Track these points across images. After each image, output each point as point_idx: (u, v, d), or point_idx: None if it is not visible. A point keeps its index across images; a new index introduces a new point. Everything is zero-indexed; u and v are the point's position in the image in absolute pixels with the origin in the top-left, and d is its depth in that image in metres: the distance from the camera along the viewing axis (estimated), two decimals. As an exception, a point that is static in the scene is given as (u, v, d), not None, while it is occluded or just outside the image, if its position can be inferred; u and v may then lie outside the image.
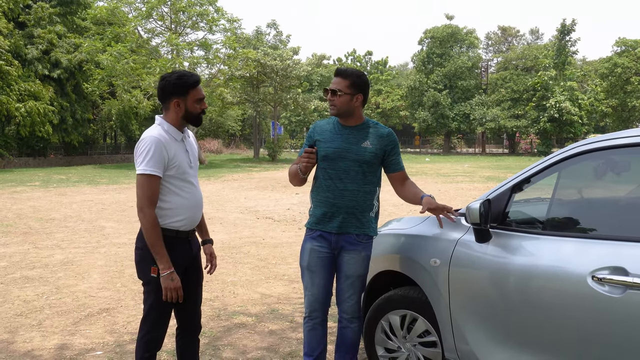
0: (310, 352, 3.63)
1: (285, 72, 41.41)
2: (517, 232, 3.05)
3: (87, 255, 8.45)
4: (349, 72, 3.52)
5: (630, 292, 2.42)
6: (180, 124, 3.20)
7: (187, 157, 3.22)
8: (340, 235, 3.51)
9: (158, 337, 3.20)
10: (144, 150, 3.04)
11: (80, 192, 18.69)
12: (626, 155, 2.99)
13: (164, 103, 3.18)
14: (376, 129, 3.58)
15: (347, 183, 3.48)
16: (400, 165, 3.65)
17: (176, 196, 3.15)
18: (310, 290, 3.57)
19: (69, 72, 36.09)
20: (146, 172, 3.02)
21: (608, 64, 54.46)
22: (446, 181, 22.98)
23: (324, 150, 3.52)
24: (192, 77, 3.14)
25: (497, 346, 3.05)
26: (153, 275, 3.08)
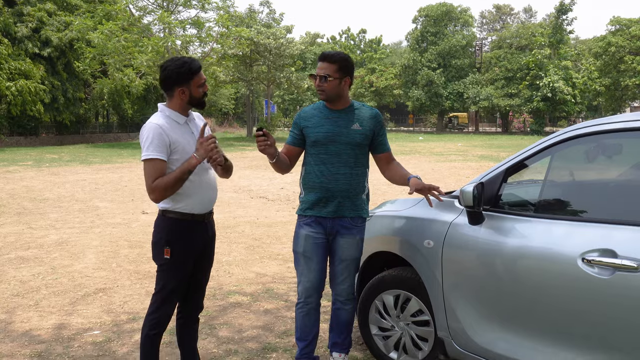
0: (303, 337, 3.65)
1: (279, 51, 41.18)
2: (509, 214, 3.10)
3: (82, 235, 8.48)
4: (335, 56, 3.51)
5: (618, 273, 2.48)
6: (183, 109, 3.24)
7: (193, 139, 3.22)
8: (336, 220, 3.53)
9: (165, 317, 3.25)
10: (143, 139, 3.12)
11: (73, 172, 18.66)
12: (618, 139, 3.03)
13: (167, 92, 3.20)
14: (363, 111, 3.60)
15: (340, 167, 3.50)
16: (387, 146, 3.69)
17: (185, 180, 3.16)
18: (307, 276, 3.58)
19: (59, 51, 35.80)
20: (148, 156, 3.07)
21: (602, 43, 54.38)
22: (439, 160, 23.05)
23: (314, 135, 3.52)
24: (194, 64, 3.16)
25: (488, 325, 3.12)
26: (166, 257, 3.16)
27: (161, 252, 3.18)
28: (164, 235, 3.18)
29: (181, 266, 3.22)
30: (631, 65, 51.84)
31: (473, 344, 3.21)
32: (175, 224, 3.20)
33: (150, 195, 3.08)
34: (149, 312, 3.25)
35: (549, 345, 2.81)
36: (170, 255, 3.16)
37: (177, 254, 3.18)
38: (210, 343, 4.31)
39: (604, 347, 2.58)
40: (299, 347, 3.67)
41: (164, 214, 3.22)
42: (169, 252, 3.16)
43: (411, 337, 3.71)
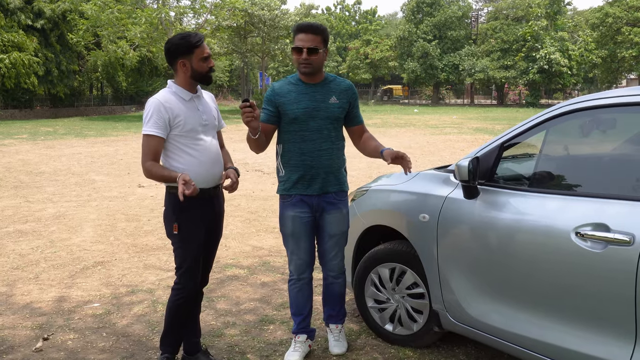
0: (299, 312, 3.69)
1: (273, 22, 40.83)
2: (504, 188, 3.14)
3: (79, 208, 8.51)
4: (320, 26, 3.40)
5: (611, 247, 2.53)
6: (190, 85, 3.26)
7: (198, 115, 3.26)
8: (321, 196, 3.50)
9: (190, 289, 3.33)
10: (145, 114, 3.19)
11: (69, 145, 18.62)
12: (613, 114, 3.06)
13: (172, 66, 3.24)
14: (338, 83, 3.54)
15: (322, 143, 3.44)
16: (361, 118, 3.67)
17: (186, 155, 3.21)
18: (297, 254, 3.58)
19: (52, 22, 35.43)
20: (146, 132, 3.15)
21: (599, 14, 53.98)
22: (434, 133, 23.05)
23: (292, 112, 3.41)
24: (196, 36, 3.18)
25: (483, 298, 3.18)
26: (175, 233, 3.24)
27: (170, 228, 3.27)
28: (170, 210, 3.26)
29: (191, 240, 3.26)
30: (628, 37, 51.56)
31: (467, 316, 3.27)
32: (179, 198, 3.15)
33: (143, 170, 3.18)
34: (175, 290, 3.34)
35: (542, 318, 2.87)
36: (178, 231, 3.24)
37: (185, 229, 3.24)
38: (209, 315, 4.38)
39: (596, 320, 2.63)
40: (296, 322, 3.71)
41: (169, 190, 3.26)
42: (177, 228, 3.24)
43: (406, 310, 3.77)
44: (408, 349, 3.78)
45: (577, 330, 2.71)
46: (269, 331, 4.10)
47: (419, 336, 3.74)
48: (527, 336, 2.92)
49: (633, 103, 2.79)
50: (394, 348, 3.82)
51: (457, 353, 3.74)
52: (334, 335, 3.78)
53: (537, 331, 2.88)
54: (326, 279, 3.73)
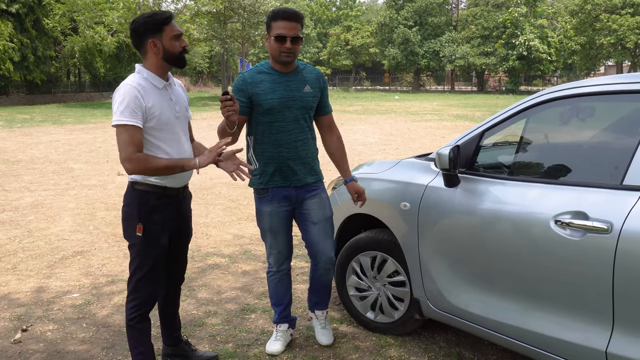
0: (279, 302, 3.66)
1: (253, 8, 40.44)
2: (484, 177, 3.14)
3: (57, 197, 8.40)
4: (300, 13, 3.29)
5: (589, 235, 2.55)
6: (162, 69, 2.94)
7: (172, 106, 2.98)
8: (299, 188, 3.42)
9: (146, 300, 3.00)
10: (117, 101, 2.81)
11: (46, 132, 18.36)
12: (593, 103, 3.08)
13: (140, 48, 2.91)
14: (309, 71, 3.43)
15: (297, 133, 3.35)
16: (330, 107, 3.58)
17: (159, 150, 2.90)
18: (276, 248, 3.51)
19: (27, 7, 34.73)
20: (121, 122, 2.78)
21: (578, 1, 54.31)
22: (415, 120, 23.09)
23: (267, 102, 3.26)
24: (164, 13, 2.91)
25: (463, 286, 3.19)
26: (138, 235, 2.90)
27: (132, 229, 2.92)
28: (135, 210, 2.92)
29: (155, 243, 2.96)
30: (607, 24, 51.99)
31: (448, 304, 3.29)
32: (146, 197, 2.93)
33: (126, 164, 2.79)
34: (128, 298, 3.02)
35: (522, 305, 2.89)
36: (142, 233, 2.90)
37: (150, 230, 2.92)
38: (190, 305, 4.36)
39: (575, 307, 2.66)
40: (276, 312, 3.69)
41: (134, 186, 2.95)
42: (141, 229, 2.90)
43: (387, 298, 3.78)
44: (389, 337, 3.80)
45: (556, 317, 2.74)
46: (251, 320, 4.10)
47: (400, 324, 3.76)
48: (508, 323, 2.95)
49: (613, 92, 2.80)
50: (375, 336, 3.83)
51: (438, 340, 3.77)
52: (320, 322, 3.75)
53: (518, 318, 2.91)
54: (316, 271, 3.60)
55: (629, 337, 2.46)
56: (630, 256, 2.41)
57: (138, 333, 3.03)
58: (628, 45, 52.01)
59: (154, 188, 2.93)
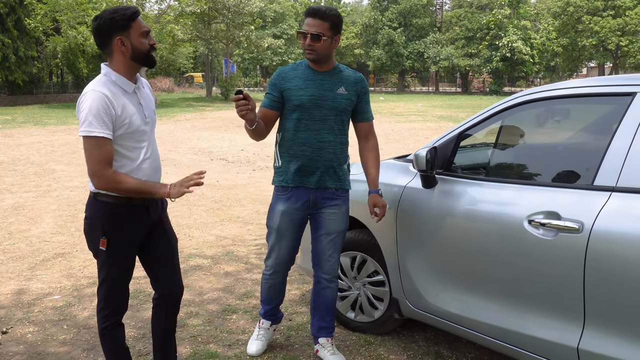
0: (268, 301, 3.61)
1: (238, 9, 40.37)
2: (461, 178, 3.20)
3: (39, 199, 8.36)
4: (328, 12, 3.18)
5: (561, 234, 2.61)
6: (130, 70, 2.70)
7: (141, 112, 2.76)
8: (319, 191, 3.31)
9: (116, 308, 2.89)
10: (85, 109, 2.57)
11: (28, 134, 18.23)
12: (566, 105, 3.14)
13: (105, 48, 2.66)
14: (348, 74, 3.33)
15: (325, 134, 3.24)
16: (370, 114, 3.45)
17: (127, 159, 2.70)
18: (277, 252, 3.41)
19: (9, 7, 34.42)
20: (92, 133, 2.55)
21: (561, 3, 54.94)
22: (399, 120, 23.21)
23: (297, 99, 3.20)
24: (131, 8, 2.65)
25: (441, 285, 3.24)
26: (102, 248, 2.71)
27: (96, 242, 2.73)
28: (98, 222, 2.71)
29: (121, 256, 2.78)
30: (588, 26, 52.61)
31: (426, 303, 3.34)
32: (110, 208, 2.70)
33: (95, 180, 2.61)
34: (98, 309, 2.88)
35: (497, 304, 2.94)
36: (107, 247, 2.71)
37: (115, 244, 2.72)
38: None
39: (548, 305, 2.71)
40: (264, 308, 3.65)
41: (97, 197, 2.72)
42: (105, 243, 2.70)
43: (367, 297, 3.82)
44: (369, 336, 3.84)
45: (530, 315, 2.79)
46: (232, 321, 4.12)
47: (380, 323, 3.80)
48: (484, 322, 3.00)
49: (585, 94, 2.87)
50: (356, 335, 3.87)
51: (417, 339, 3.82)
52: (328, 349, 3.49)
53: (494, 317, 2.96)
54: (319, 283, 3.48)
55: (599, 333, 2.51)
56: (600, 255, 2.47)
57: (113, 340, 2.92)
58: (609, 46, 52.69)
59: (118, 199, 2.70)
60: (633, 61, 51.99)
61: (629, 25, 50.79)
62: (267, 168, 11.45)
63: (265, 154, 13.25)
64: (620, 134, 2.58)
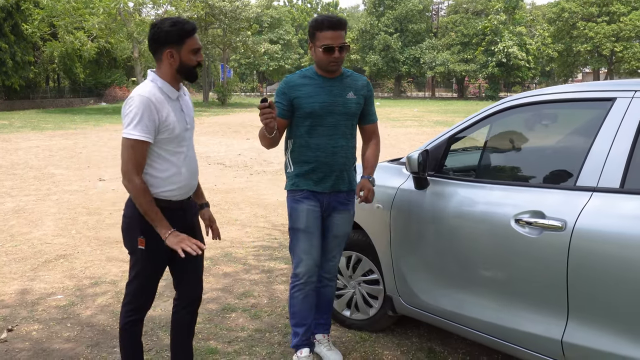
0: (302, 322, 3.45)
1: (234, 14, 40.61)
2: (452, 179, 3.34)
3: (39, 202, 8.47)
4: (343, 21, 3.21)
5: (546, 233, 2.74)
6: (175, 80, 2.84)
7: (183, 118, 2.88)
8: (332, 195, 3.35)
9: (142, 305, 2.98)
10: (131, 112, 2.69)
11: (25, 138, 18.31)
12: (552, 109, 3.29)
13: (155, 54, 2.82)
14: (355, 78, 3.39)
15: (337, 139, 3.29)
16: (375, 116, 3.54)
17: (168, 163, 2.82)
18: (309, 254, 3.34)
19: (5, 12, 34.47)
20: (133, 136, 2.67)
21: (556, 9, 55.31)
22: (395, 125, 23.37)
23: (309, 106, 3.22)
24: (189, 24, 2.79)
25: (433, 283, 3.37)
26: (141, 247, 2.82)
27: (134, 241, 2.83)
28: (137, 222, 2.80)
29: (156, 256, 2.87)
30: (583, 32, 52.95)
31: (419, 300, 3.47)
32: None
33: (124, 179, 2.73)
34: (124, 303, 2.97)
35: (487, 299, 3.07)
36: (145, 246, 2.81)
37: (152, 244, 2.81)
38: (171, 305, 4.46)
39: (534, 300, 2.84)
40: (298, 334, 3.46)
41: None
42: (144, 242, 2.81)
43: (362, 296, 3.95)
44: (364, 333, 3.97)
45: (518, 310, 2.92)
46: (231, 319, 4.24)
47: (375, 320, 3.93)
48: (475, 317, 3.13)
49: (568, 99, 3.02)
50: (351, 332, 4.00)
51: (410, 336, 3.95)
52: (325, 345, 3.59)
53: (483, 312, 3.09)
54: (320, 281, 3.52)
55: (581, 326, 2.65)
56: (582, 252, 2.61)
57: (132, 336, 3.00)
58: (604, 52, 53.02)
59: (159, 201, 2.80)
60: (627, 67, 52.32)
61: (624, 31, 51.14)
62: (264, 172, 11.58)
63: (262, 159, 13.38)
64: (601, 137, 2.72)
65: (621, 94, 2.74)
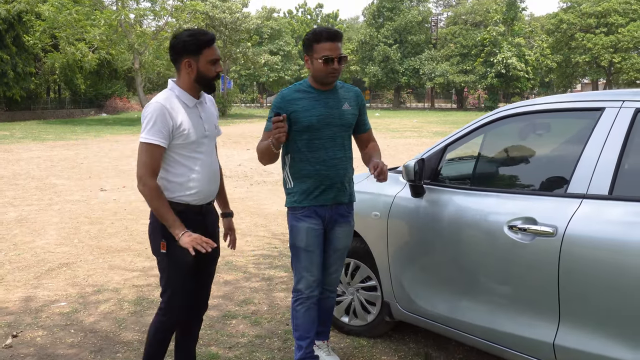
0: (305, 334, 3.45)
1: (235, 25, 40.90)
2: (447, 187, 3.43)
3: (41, 212, 8.55)
4: (339, 32, 3.24)
5: (538, 238, 2.83)
6: (193, 88, 2.93)
7: (201, 125, 2.96)
8: (334, 207, 3.36)
9: (174, 320, 3.05)
10: (146, 117, 2.82)
11: (27, 149, 18.42)
12: (544, 119, 3.38)
13: (175, 64, 2.93)
14: (347, 90, 3.41)
15: (336, 151, 3.30)
16: (369, 124, 3.56)
17: (184, 167, 2.92)
18: (310, 271, 3.36)
19: (7, 23, 34.72)
20: (146, 140, 2.80)
21: (554, 20, 55.70)
22: (395, 136, 23.49)
23: (307, 120, 3.21)
24: (207, 35, 2.88)
25: (429, 288, 3.45)
26: (163, 251, 2.91)
27: (157, 245, 2.93)
28: (158, 226, 2.90)
29: (180, 261, 2.92)
30: (582, 43, 53.26)
31: (415, 306, 3.55)
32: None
33: (139, 183, 2.83)
34: (159, 314, 3.04)
35: (481, 304, 3.15)
36: (166, 249, 2.90)
37: (174, 247, 2.87)
38: (174, 312, 4.56)
39: (527, 305, 2.93)
40: (302, 347, 3.46)
41: None
42: (165, 246, 2.90)
43: (360, 302, 4.03)
44: (362, 339, 4.04)
45: (511, 314, 3.00)
46: (232, 325, 4.31)
47: (373, 326, 4.01)
48: (469, 322, 3.21)
49: (560, 109, 3.13)
50: (350, 338, 4.07)
51: (407, 341, 4.02)
52: (324, 350, 3.66)
53: (478, 317, 3.17)
54: (321, 293, 3.51)
55: (573, 329, 2.73)
56: (572, 256, 2.69)
57: (161, 347, 3.08)
58: (602, 63, 53.31)
59: (177, 205, 2.90)
60: (626, 77, 52.60)
61: (622, 42, 51.45)
62: (264, 183, 11.67)
63: (262, 169, 13.46)
64: (591, 146, 2.81)
65: (610, 104, 2.84)
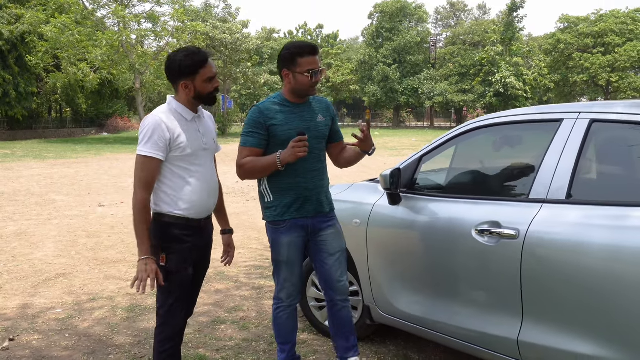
0: (287, 340, 3.52)
1: (235, 46, 41.39)
2: (422, 195, 3.62)
3: (40, 226, 8.74)
4: (318, 46, 3.39)
5: (502, 241, 3.02)
6: (191, 104, 3.01)
7: (200, 138, 3.04)
8: (316, 218, 3.39)
9: (175, 330, 3.08)
10: (142, 131, 2.90)
11: (27, 167, 18.64)
12: (511, 131, 3.59)
13: (173, 84, 3.01)
14: (319, 101, 3.46)
15: (313, 162, 3.35)
16: (341, 134, 3.61)
17: (181, 180, 2.98)
18: (291, 281, 3.41)
19: (10, 44, 35.17)
20: (143, 153, 2.87)
21: (552, 40, 56.22)
22: (392, 154, 23.75)
23: (285, 134, 3.23)
24: (200, 55, 2.93)
25: (406, 292, 3.63)
26: (162, 264, 2.95)
27: (157, 258, 2.95)
28: (158, 240, 2.97)
29: (179, 273, 3.00)
30: (579, 62, 53.73)
31: (394, 309, 3.73)
32: (167, 228, 2.99)
33: (134, 193, 2.92)
34: (157, 329, 3.07)
35: (453, 305, 3.34)
36: (166, 262, 2.96)
37: (172, 261, 2.97)
38: (165, 318, 4.73)
39: (494, 304, 3.11)
40: (285, 351, 3.54)
41: (156, 218, 3.00)
42: (165, 259, 2.96)
43: (343, 306, 4.20)
44: (345, 342, 4.20)
45: (481, 314, 3.18)
46: (221, 330, 4.48)
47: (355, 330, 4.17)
48: (444, 322, 3.39)
49: (523, 121, 3.34)
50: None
51: (388, 344, 4.19)
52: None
53: (451, 317, 3.35)
54: (335, 305, 3.50)
55: (535, 326, 2.91)
56: (533, 257, 2.88)
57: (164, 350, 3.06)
58: (600, 82, 53.72)
59: (176, 219, 2.98)
60: (624, 96, 52.94)
61: (619, 62, 51.90)
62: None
63: (259, 185, 13.66)
64: (550, 154, 3.02)
65: (567, 116, 3.05)
